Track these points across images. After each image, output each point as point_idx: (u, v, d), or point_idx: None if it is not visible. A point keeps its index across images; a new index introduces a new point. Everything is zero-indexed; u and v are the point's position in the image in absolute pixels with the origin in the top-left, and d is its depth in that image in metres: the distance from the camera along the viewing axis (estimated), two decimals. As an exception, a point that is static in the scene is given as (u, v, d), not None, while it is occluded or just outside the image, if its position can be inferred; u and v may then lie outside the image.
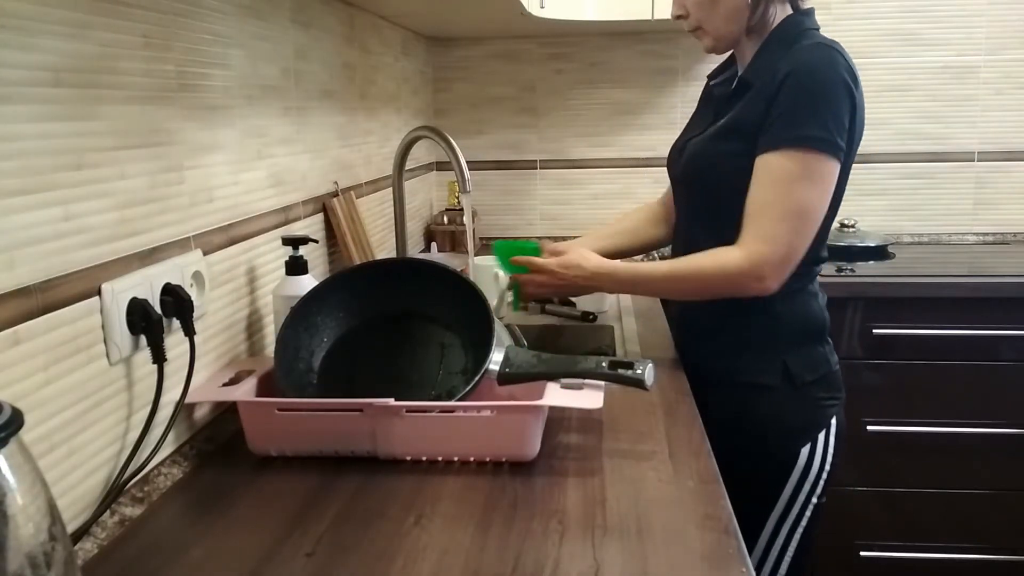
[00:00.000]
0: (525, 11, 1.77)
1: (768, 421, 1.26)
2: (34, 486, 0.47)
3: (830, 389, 1.30)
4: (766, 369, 1.26)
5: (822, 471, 1.28)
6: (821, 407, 1.28)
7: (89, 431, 0.81)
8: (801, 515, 1.29)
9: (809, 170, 1.14)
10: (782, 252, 1.15)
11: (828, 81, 1.15)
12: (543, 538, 0.79)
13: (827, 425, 1.28)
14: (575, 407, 0.99)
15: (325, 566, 0.76)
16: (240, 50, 1.15)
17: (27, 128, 0.72)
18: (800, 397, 1.27)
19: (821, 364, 1.28)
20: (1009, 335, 1.98)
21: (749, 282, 1.17)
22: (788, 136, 1.15)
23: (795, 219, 1.15)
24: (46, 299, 0.75)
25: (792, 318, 1.26)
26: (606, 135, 2.57)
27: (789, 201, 1.15)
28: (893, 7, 2.41)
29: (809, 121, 1.14)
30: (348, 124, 1.66)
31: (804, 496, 1.28)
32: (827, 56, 1.16)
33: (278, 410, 0.97)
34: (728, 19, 1.24)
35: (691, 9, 1.27)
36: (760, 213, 1.16)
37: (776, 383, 1.26)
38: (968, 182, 2.48)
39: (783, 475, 1.27)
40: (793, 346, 1.26)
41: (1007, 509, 2.07)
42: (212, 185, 1.06)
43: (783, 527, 1.30)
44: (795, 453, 1.26)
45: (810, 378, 1.26)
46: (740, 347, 1.28)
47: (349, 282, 1.13)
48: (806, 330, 1.28)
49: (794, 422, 1.27)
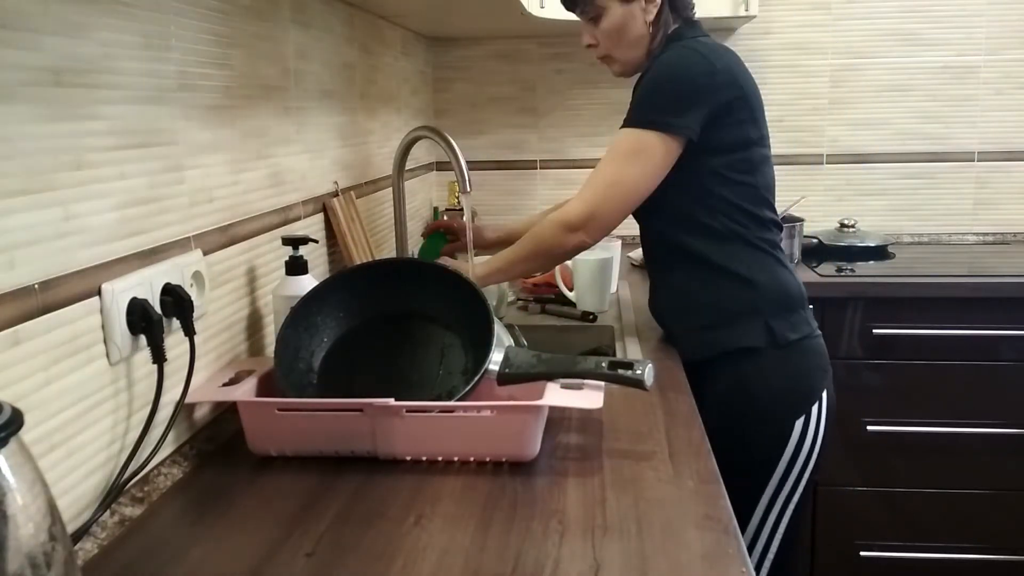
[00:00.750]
0: (525, 11, 1.77)
1: (758, 385, 1.31)
2: (34, 486, 0.47)
3: (816, 356, 1.35)
4: (750, 332, 1.32)
5: (814, 446, 1.32)
6: (810, 377, 1.33)
7: (89, 431, 0.81)
8: (793, 491, 1.33)
9: (634, 145, 1.29)
10: (591, 208, 1.31)
11: (674, 73, 1.29)
12: (543, 538, 0.79)
13: (818, 399, 1.32)
14: (575, 407, 0.99)
15: (325, 566, 0.76)
16: (240, 50, 1.15)
17: (27, 128, 0.72)
18: (787, 360, 1.31)
19: (804, 325, 1.34)
20: (1009, 335, 1.98)
21: (562, 232, 1.33)
22: (627, 119, 1.32)
23: (608, 187, 1.31)
24: (46, 299, 0.75)
25: (767, 284, 1.33)
26: (606, 135, 2.57)
27: (607, 170, 1.31)
28: (893, 7, 2.41)
29: (644, 105, 1.30)
30: (348, 124, 1.66)
31: (797, 471, 1.32)
32: (677, 54, 1.31)
33: (278, 410, 0.97)
34: (633, 46, 1.38)
35: (600, 40, 1.40)
36: (589, 179, 1.34)
37: (761, 344, 1.31)
38: (968, 182, 2.48)
39: (778, 449, 1.31)
40: (773, 309, 1.32)
41: (1007, 509, 2.07)
42: (212, 185, 1.06)
43: (776, 503, 1.33)
44: (790, 427, 1.31)
45: (793, 336, 1.31)
46: (721, 318, 1.34)
47: (349, 282, 1.13)
48: (784, 295, 1.34)
49: (786, 391, 1.32)
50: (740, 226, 1.33)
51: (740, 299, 1.33)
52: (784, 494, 1.33)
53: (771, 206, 1.38)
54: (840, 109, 2.47)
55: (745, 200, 1.33)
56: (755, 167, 1.34)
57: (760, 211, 1.35)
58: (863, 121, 2.47)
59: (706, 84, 1.27)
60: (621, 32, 1.36)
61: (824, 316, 1.99)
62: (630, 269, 2.18)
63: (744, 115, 1.30)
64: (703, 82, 1.27)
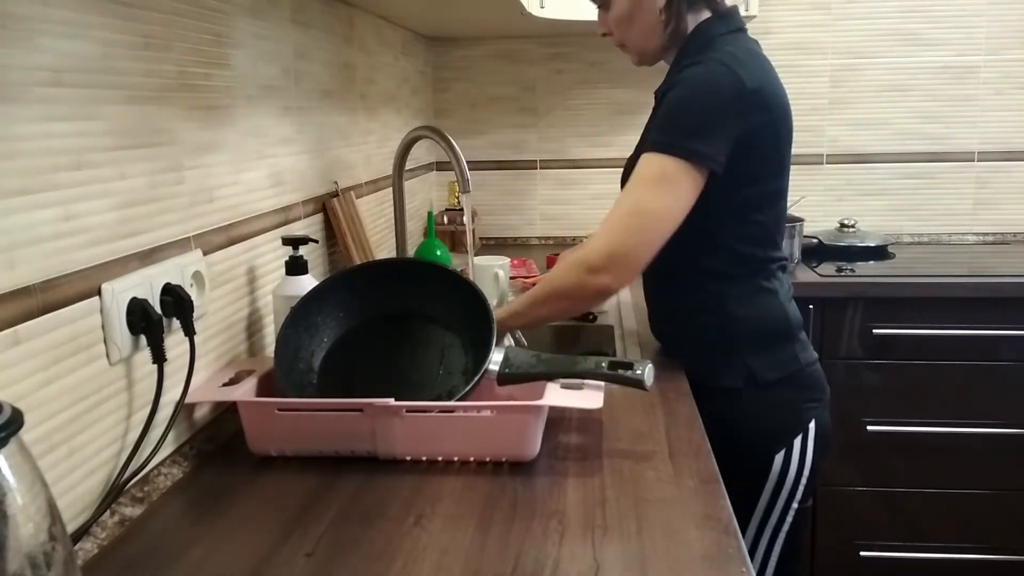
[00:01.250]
0: (525, 11, 1.77)
1: (739, 425, 1.24)
2: (34, 486, 0.47)
3: (804, 389, 1.27)
4: (727, 371, 1.25)
5: (800, 477, 1.25)
6: (796, 411, 1.26)
7: (89, 431, 0.81)
8: (781, 522, 1.28)
9: (660, 173, 1.16)
10: (613, 246, 1.15)
11: (703, 93, 1.17)
12: (543, 538, 0.79)
13: (804, 430, 1.25)
14: (575, 407, 0.99)
15: (325, 566, 0.76)
16: (240, 50, 1.15)
17: (27, 128, 0.72)
18: (769, 399, 1.24)
19: (789, 362, 1.26)
20: (1009, 335, 1.98)
21: (583, 274, 1.17)
22: (652, 141, 1.18)
23: (632, 218, 1.16)
24: (46, 299, 0.75)
25: (750, 319, 1.25)
26: (606, 135, 2.57)
27: (631, 201, 1.17)
28: (893, 7, 2.41)
29: (670, 129, 1.17)
30: (348, 124, 1.66)
31: (783, 503, 1.26)
32: (708, 71, 1.18)
33: (278, 410, 0.97)
34: (644, 36, 1.30)
35: (612, 28, 1.32)
36: (610, 212, 1.20)
37: (740, 385, 1.24)
38: (968, 182, 2.48)
39: (758, 483, 1.25)
40: (755, 347, 1.25)
41: (1007, 509, 2.07)
42: (212, 185, 1.06)
43: (763, 534, 1.28)
44: (768, 460, 1.24)
45: (774, 376, 1.24)
46: (701, 351, 1.28)
47: (349, 282, 1.13)
48: (768, 330, 1.26)
49: (765, 425, 1.25)
50: (736, 267, 1.24)
51: (717, 331, 1.26)
52: (772, 523, 1.28)
53: (777, 244, 1.28)
54: (840, 109, 2.47)
55: (749, 243, 1.24)
56: (767, 202, 1.25)
57: (764, 252, 1.26)
58: (863, 121, 2.47)
59: (735, 108, 1.16)
60: (630, 20, 1.29)
61: (824, 316, 1.99)
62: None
63: (769, 144, 1.21)
64: (732, 105, 1.16)
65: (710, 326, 1.26)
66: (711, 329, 1.26)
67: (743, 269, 1.24)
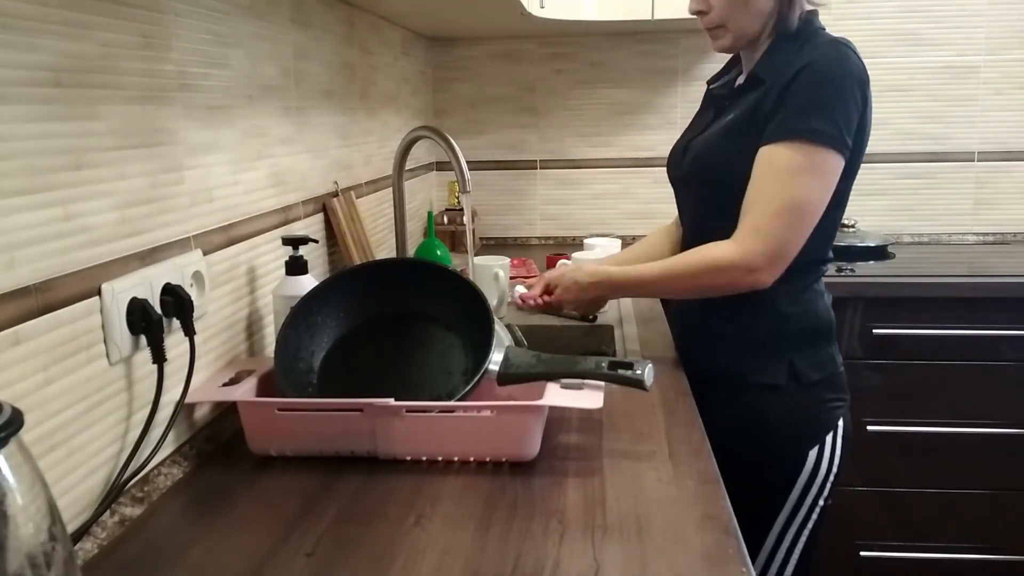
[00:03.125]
0: (525, 11, 1.77)
1: (776, 422, 1.25)
2: (34, 486, 0.47)
3: (836, 390, 1.29)
4: (772, 368, 1.25)
5: (829, 473, 1.28)
6: (828, 409, 1.28)
7: (89, 431, 0.81)
8: (808, 517, 1.29)
9: (811, 163, 1.13)
10: (774, 245, 1.14)
11: (841, 77, 1.14)
12: (543, 538, 0.79)
13: (834, 427, 1.27)
14: (575, 407, 0.98)
15: (325, 566, 0.76)
16: (240, 50, 1.15)
17: (27, 128, 0.72)
18: (807, 398, 1.26)
19: (827, 363, 1.27)
20: (1009, 335, 1.98)
21: (741, 275, 1.16)
22: (794, 127, 1.14)
23: (791, 213, 1.14)
24: (46, 299, 0.75)
25: (799, 317, 1.25)
26: (606, 135, 2.57)
27: (787, 194, 1.13)
28: (893, 7, 2.41)
29: (817, 114, 1.13)
30: (348, 124, 1.66)
31: (811, 499, 1.28)
32: (843, 53, 1.16)
33: (278, 410, 0.97)
34: (755, 18, 1.23)
35: (716, 5, 1.23)
36: (757, 205, 1.15)
37: (783, 382, 1.24)
38: (968, 182, 2.48)
39: (791, 478, 1.27)
40: (800, 345, 1.26)
41: (1007, 509, 2.07)
42: (212, 185, 1.06)
43: (790, 529, 1.29)
44: (803, 456, 1.26)
45: (816, 377, 1.25)
46: (746, 347, 1.27)
47: (349, 282, 1.13)
48: (813, 330, 1.27)
49: (802, 424, 1.27)
50: (801, 263, 1.20)
51: (767, 328, 1.25)
52: (799, 519, 1.29)
53: (832, 241, 1.28)
54: None
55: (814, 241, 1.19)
56: (842, 203, 1.23)
57: (823, 251, 1.26)
58: (863, 121, 2.47)
59: (861, 94, 1.15)
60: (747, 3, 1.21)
61: (824, 316, 1.99)
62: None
63: (865, 138, 1.19)
64: (860, 91, 1.15)
65: (759, 322, 1.25)
66: (760, 325, 1.25)
67: (799, 267, 1.20)
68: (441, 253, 1.84)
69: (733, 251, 1.16)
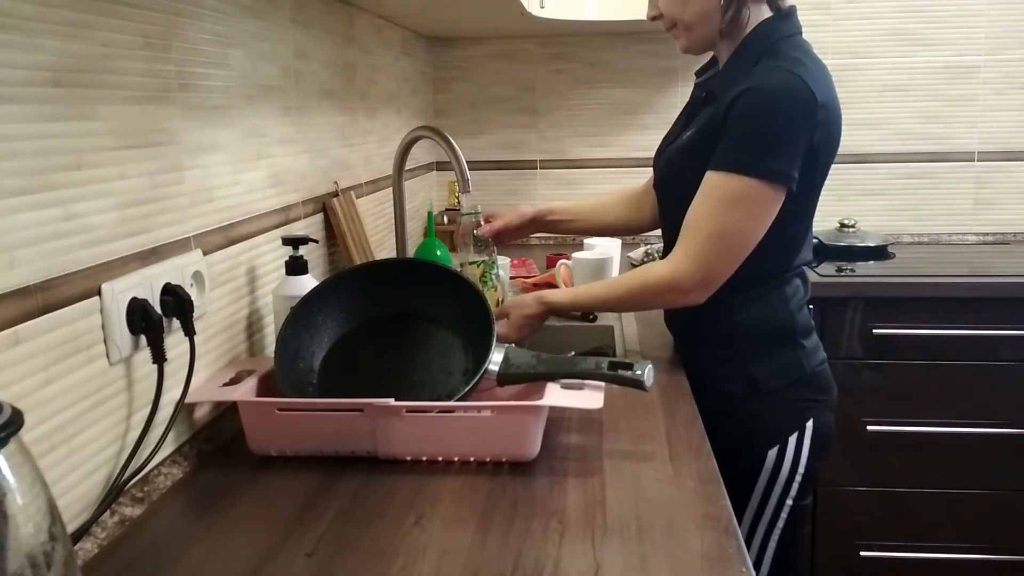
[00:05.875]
0: (525, 11, 1.77)
1: (733, 426, 1.23)
2: (34, 486, 0.47)
3: (805, 390, 1.27)
4: (730, 377, 1.26)
5: (794, 473, 1.25)
6: (794, 410, 1.26)
7: (89, 431, 0.81)
8: (776, 517, 1.28)
9: (745, 195, 1.14)
10: (703, 270, 1.18)
11: (782, 108, 1.13)
12: (543, 538, 0.79)
13: (800, 427, 1.25)
14: (575, 407, 0.98)
15: (325, 566, 0.76)
16: (240, 50, 1.15)
17: (27, 128, 0.72)
18: (767, 403, 1.25)
19: (791, 369, 1.25)
20: (1009, 335, 1.98)
21: (674, 296, 1.22)
22: (729, 159, 1.15)
23: (720, 240, 1.17)
24: (46, 299, 0.75)
25: (753, 327, 1.25)
26: (606, 135, 2.57)
27: (717, 223, 1.16)
28: (893, 7, 2.41)
29: (752, 147, 1.14)
30: (348, 124, 1.66)
31: (776, 498, 1.26)
32: (784, 82, 1.14)
33: (278, 410, 0.97)
34: (699, 18, 1.24)
35: (663, 7, 1.26)
36: (691, 229, 1.19)
37: (739, 391, 1.25)
38: (968, 182, 2.48)
39: (751, 477, 1.26)
40: (757, 354, 1.25)
41: (1007, 509, 2.07)
42: (212, 185, 1.06)
43: (757, 530, 1.28)
44: (761, 456, 1.25)
45: (778, 384, 1.24)
46: (706, 356, 1.30)
47: (349, 282, 1.13)
48: (771, 337, 1.26)
49: (761, 424, 1.26)
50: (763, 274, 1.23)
51: (723, 338, 1.26)
52: (766, 520, 1.28)
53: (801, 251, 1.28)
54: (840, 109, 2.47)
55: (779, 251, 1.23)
56: (805, 215, 1.25)
57: (787, 261, 1.26)
58: (863, 121, 2.47)
59: (807, 123, 1.14)
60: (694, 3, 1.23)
61: (824, 316, 1.99)
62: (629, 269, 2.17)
63: (822, 158, 1.19)
64: (806, 120, 1.13)
65: (716, 331, 1.27)
66: (716, 334, 1.27)
67: (754, 277, 1.22)
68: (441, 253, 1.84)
69: (665, 274, 1.21)
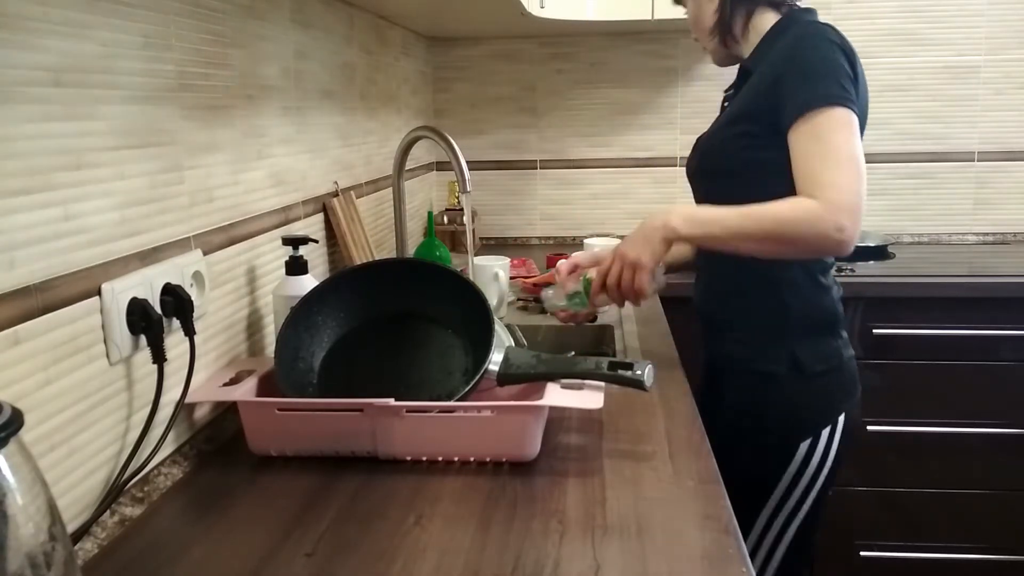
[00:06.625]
0: (525, 11, 1.77)
1: (774, 409, 1.28)
2: (34, 486, 0.47)
3: (842, 384, 1.30)
4: (775, 357, 1.28)
5: (822, 467, 1.29)
6: (830, 403, 1.29)
7: (89, 431, 0.81)
8: (798, 508, 1.30)
9: (843, 122, 1.14)
10: (853, 198, 1.11)
11: (825, 47, 1.18)
12: (543, 538, 0.79)
13: (833, 422, 1.28)
14: (575, 407, 0.98)
15: (325, 566, 0.76)
16: (240, 50, 1.15)
17: (27, 128, 0.72)
18: (808, 388, 1.28)
19: (832, 356, 1.29)
20: (1009, 335, 1.98)
21: (829, 231, 1.10)
22: (813, 98, 1.15)
23: (852, 165, 1.12)
24: (46, 299, 0.75)
25: (801, 308, 1.27)
26: (606, 135, 2.57)
27: (841, 151, 1.12)
28: (893, 7, 2.41)
29: (823, 81, 1.15)
30: (348, 124, 1.66)
31: (801, 490, 1.29)
32: (819, 30, 1.21)
33: (278, 410, 0.97)
34: (708, 35, 1.37)
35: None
36: (818, 168, 1.12)
37: (783, 370, 1.27)
38: (968, 182, 2.48)
39: (782, 466, 1.29)
40: (802, 336, 1.28)
41: (1007, 509, 2.07)
42: (212, 185, 1.06)
43: (778, 517, 1.31)
44: (793, 447, 1.28)
45: (820, 368, 1.27)
46: (751, 337, 1.31)
47: (349, 282, 1.13)
48: (816, 321, 1.29)
49: (798, 413, 1.29)
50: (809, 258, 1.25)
51: (770, 318, 1.28)
52: (788, 508, 1.31)
53: None
54: None
55: None
56: None
57: None
58: (863, 121, 2.47)
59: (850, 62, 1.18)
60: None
61: (824, 316, 1.99)
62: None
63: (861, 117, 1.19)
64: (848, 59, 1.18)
65: (763, 310, 1.29)
66: (764, 314, 1.29)
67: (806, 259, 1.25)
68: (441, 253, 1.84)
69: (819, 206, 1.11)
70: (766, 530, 1.32)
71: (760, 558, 1.33)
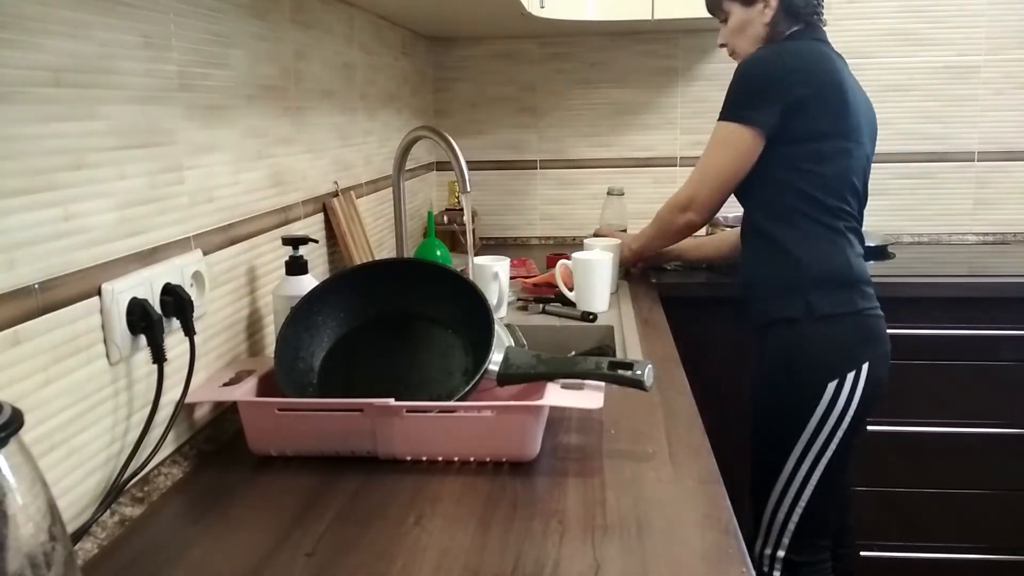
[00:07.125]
0: (525, 11, 1.77)
1: (798, 352, 1.49)
2: (34, 486, 0.47)
3: (859, 331, 1.49)
4: (791, 304, 1.50)
5: (848, 408, 1.46)
6: (851, 348, 1.47)
7: (89, 431, 0.81)
8: (824, 450, 1.48)
9: (719, 135, 1.58)
10: (691, 192, 1.67)
11: (748, 71, 1.53)
12: (543, 538, 0.79)
13: (857, 368, 1.46)
14: (575, 407, 0.99)
15: (325, 566, 0.76)
16: (240, 50, 1.15)
17: (27, 128, 0.72)
18: (826, 332, 1.47)
19: (845, 303, 1.48)
20: (1009, 335, 1.98)
21: (675, 213, 1.72)
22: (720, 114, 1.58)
23: (702, 172, 1.63)
24: (46, 299, 0.75)
25: (811, 260, 1.49)
26: (606, 135, 2.57)
27: (702, 160, 1.63)
28: (893, 7, 2.41)
29: (727, 100, 1.57)
30: (348, 124, 1.66)
31: (828, 432, 1.47)
32: (757, 55, 1.55)
33: (278, 410, 0.97)
34: (751, 43, 1.63)
35: (727, 38, 1.69)
36: None
37: (800, 315, 1.49)
38: (968, 182, 2.48)
39: (811, 407, 1.47)
40: (816, 286, 1.48)
41: (1007, 509, 2.07)
42: (212, 185, 1.06)
43: (806, 458, 1.50)
44: (821, 388, 1.46)
45: (831, 311, 1.47)
46: (770, 290, 1.55)
47: (349, 282, 1.13)
48: (829, 275, 1.49)
49: (820, 356, 1.47)
50: (802, 210, 1.50)
51: (786, 275, 1.51)
52: (817, 447, 1.48)
53: (841, 196, 1.51)
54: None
55: (811, 187, 1.50)
56: (825, 158, 1.50)
57: (826, 199, 1.50)
58: (863, 121, 2.47)
59: (779, 81, 1.49)
60: (742, 30, 1.64)
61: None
62: (630, 269, 2.17)
63: (818, 111, 1.49)
64: (776, 80, 1.49)
65: (777, 263, 1.53)
66: (778, 268, 1.53)
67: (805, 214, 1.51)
68: (441, 253, 1.84)
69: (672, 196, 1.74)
70: (798, 465, 1.51)
71: (791, 493, 1.51)
